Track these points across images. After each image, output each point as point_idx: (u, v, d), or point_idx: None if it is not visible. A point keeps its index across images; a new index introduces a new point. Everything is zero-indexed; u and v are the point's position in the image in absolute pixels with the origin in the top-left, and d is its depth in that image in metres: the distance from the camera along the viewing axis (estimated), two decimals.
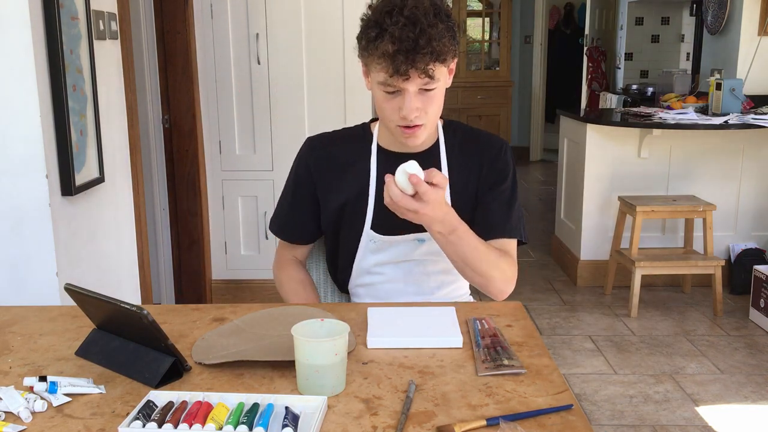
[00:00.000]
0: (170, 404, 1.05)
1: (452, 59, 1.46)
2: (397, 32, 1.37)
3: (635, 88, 5.88)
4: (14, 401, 1.07)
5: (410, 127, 1.47)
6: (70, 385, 1.12)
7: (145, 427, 0.99)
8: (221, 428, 0.99)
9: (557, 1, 8.31)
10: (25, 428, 1.03)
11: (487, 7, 8.54)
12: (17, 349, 1.31)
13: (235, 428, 0.98)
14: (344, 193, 1.60)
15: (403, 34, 1.36)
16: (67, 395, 1.11)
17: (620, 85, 6.41)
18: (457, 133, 1.63)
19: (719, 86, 4.09)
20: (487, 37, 8.71)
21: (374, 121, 1.65)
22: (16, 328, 1.41)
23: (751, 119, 3.84)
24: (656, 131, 4.02)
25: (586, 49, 6.55)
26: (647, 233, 4.18)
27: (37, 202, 2.00)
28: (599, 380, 3.07)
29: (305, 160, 1.64)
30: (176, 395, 1.07)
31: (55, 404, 1.09)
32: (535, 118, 8.51)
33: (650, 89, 5.56)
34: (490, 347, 1.26)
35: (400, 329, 1.34)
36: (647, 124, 3.94)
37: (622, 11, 6.50)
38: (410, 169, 1.33)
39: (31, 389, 1.12)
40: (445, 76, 1.47)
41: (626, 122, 4.04)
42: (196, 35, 3.64)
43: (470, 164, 1.60)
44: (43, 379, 1.13)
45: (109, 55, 2.47)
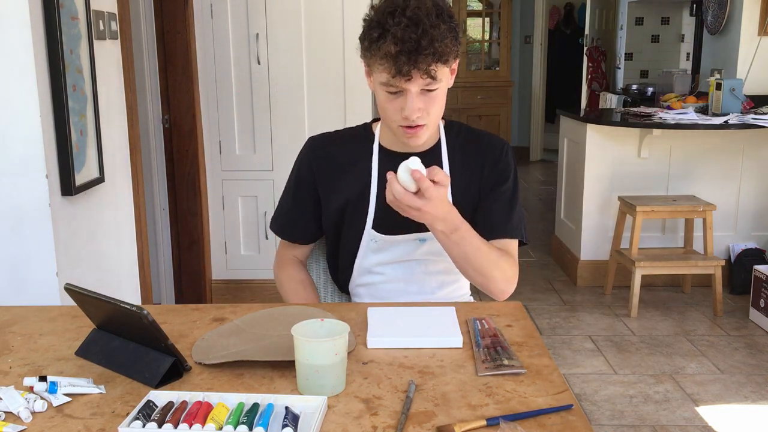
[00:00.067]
0: (170, 404, 1.05)
1: (454, 60, 1.46)
2: (399, 33, 1.37)
3: (635, 88, 5.88)
4: (14, 401, 1.07)
5: (412, 127, 1.47)
6: (70, 385, 1.12)
7: (145, 427, 0.99)
8: (221, 428, 0.99)
9: (557, 1, 8.31)
10: (25, 428, 1.03)
11: (487, 7, 8.54)
12: (17, 349, 1.31)
13: (235, 428, 0.98)
14: (346, 192, 1.60)
15: (405, 34, 1.36)
16: (67, 395, 1.11)
17: (620, 85, 6.41)
18: (458, 133, 1.63)
19: (719, 86, 4.09)
20: (487, 37, 8.71)
21: (376, 121, 1.65)
22: (16, 328, 1.41)
23: (751, 119, 3.84)
24: (656, 131, 4.02)
25: (586, 49, 6.54)
26: (647, 233, 4.18)
27: (37, 202, 2.00)
28: (599, 380, 3.07)
29: (307, 160, 1.64)
30: (176, 395, 1.07)
31: (55, 404, 1.09)
32: (535, 118, 8.51)
33: (650, 89, 5.56)
34: (490, 347, 1.26)
35: (400, 329, 1.34)
36: (647, 124, 3.94)
37: (622, 11, 6.50)
38: (413, 165, 1.33)
39: (31, 389, 1.12)
40: (447, 76, 1.47)
41: (626, 122, 4.04)
42: (196, 35, 3.64)
43: (472, 165, 1.60)
44: (43, 379, 1.13)
45: (109, 55, 2.47)
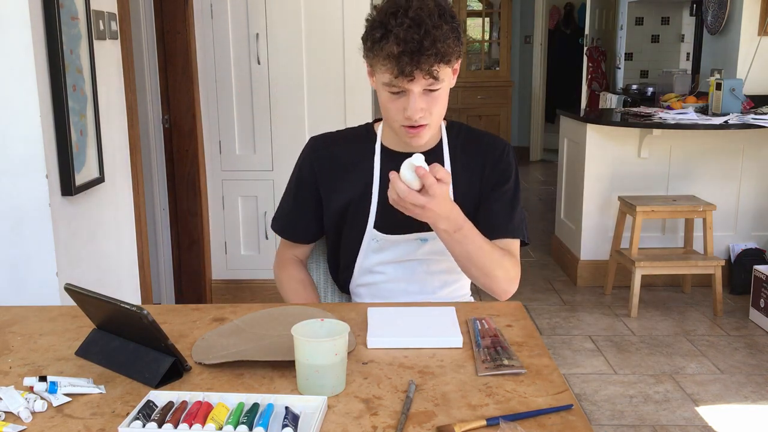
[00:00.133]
0: (170, 404, 1.05)
1: (456, 60, 1.46)
2: (401, 33, 1.37)
3: (635, 88, 5.88)
4: (14, 401, 1.07)
5: (415, 127, 1.47)
6: (70, 385, 1.12)
7: (145, 427, 0.99)
8: (221, 428, 0.99)
9: (557, 1, 8.31)
10: (25, 428, 1.03)
11: (487, 7, 8.54)
12: (17, 349, 1.31)
13: (235, 428, 0.98)
14: (347, 192, 1.60)
15: (407, 35, 1.37)
16: (67, 395, 1.11)
17: (620, 85, 6.41)
18: (460, 134, 1.63)
19: (719, 86, 4.09)
20: (487, 37, 8.71)
21: (377, 121, 1.65)
22: (16, 328, 1.41)
23: (751, 119, 3.84)
24: (656, 131, 4.02)
25: (586, 49, 6.54)
26: (647, 233, 4.17)
27: (37, 202, 2.00)
28: (599, 380, 3.07)
29: (308, 159, 1.64)
30: (176, 395, 1.07)
31: (55, 404, 1.09)
32: (535, 118, 8.51)
33: (650, 89, 5.56)
34: (490, 347, 1.26)
35: (400, 329, 1.34)
36: (647, 124, 3.94)
37: (622, 11, 6.50)
38: (417, 161, 1.33)
39: (31, 389, 1.12)
40: (449, 76, 1.47)
41: (626, 122, 4.04)
42: (196, 35, 3.64)
43: (473, 165, 1.60)
44: (43, 379, 1.12)
45: (109, 55, 2.47)
